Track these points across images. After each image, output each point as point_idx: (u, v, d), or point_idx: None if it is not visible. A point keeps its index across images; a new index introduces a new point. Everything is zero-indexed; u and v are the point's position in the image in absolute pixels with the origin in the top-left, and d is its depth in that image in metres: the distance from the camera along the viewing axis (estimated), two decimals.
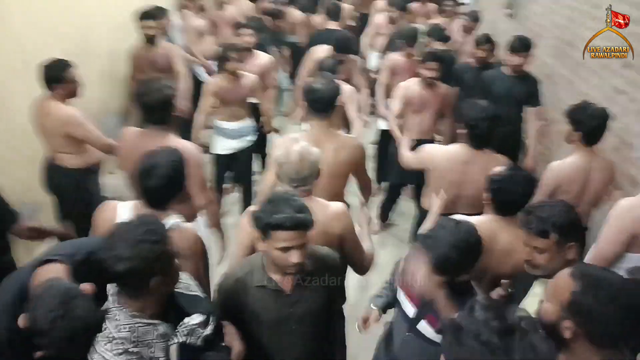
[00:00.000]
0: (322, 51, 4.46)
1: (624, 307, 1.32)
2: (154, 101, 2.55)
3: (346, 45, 4.23)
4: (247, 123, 4.12)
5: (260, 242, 1.76)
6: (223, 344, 1.73)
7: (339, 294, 2.03)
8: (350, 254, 2.20)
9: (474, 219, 2.22)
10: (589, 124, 2.69)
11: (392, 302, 2.15)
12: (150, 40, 4.35)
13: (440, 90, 3.91)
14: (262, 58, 4.47)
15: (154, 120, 2.61)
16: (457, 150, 2.85)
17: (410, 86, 3.92)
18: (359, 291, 3.40)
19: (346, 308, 2.39)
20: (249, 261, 1.94)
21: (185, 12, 5.48)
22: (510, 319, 1.14)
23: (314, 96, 2.63)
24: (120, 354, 1.45)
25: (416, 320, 1.95)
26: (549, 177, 2.76)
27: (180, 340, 1.55)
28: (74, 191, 3.21)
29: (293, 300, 1.85)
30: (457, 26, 5.69)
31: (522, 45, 3.76)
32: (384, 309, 2.22)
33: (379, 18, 6.13)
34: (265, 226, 1.68)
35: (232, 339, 1.75)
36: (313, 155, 2.13)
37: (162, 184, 2.00)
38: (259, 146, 4.52)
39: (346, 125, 3.98)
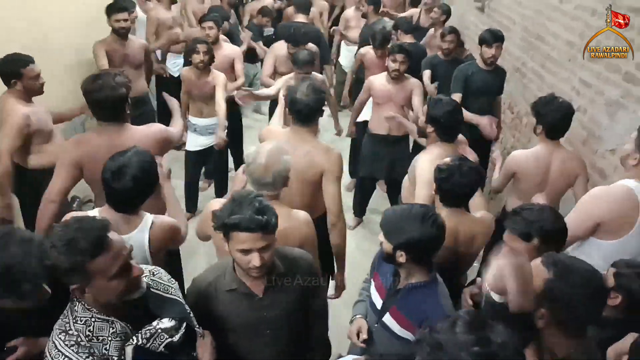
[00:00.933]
0: (280, 46, 4.41)
1: (594, 291, 1.40)
2: (104, 98, 2.34)
3: (298, 37, 4.18)
4: (216, 120, 4.02)
5: (226, 245, 1.69)
6: (194, 354, 1.64)
7: (316, 295, 1.97)
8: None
9: None
10: (552, 118, 2.73)
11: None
12: (122, 34, 4.19)
13: (407, 83, 3.89)
14: (227, 49, 4.43)
15: (106, 118, 2.42)
16: (434, 151, 2.77)
17: (377, 79, 3.94)
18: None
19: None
20: (220, 265, 1.88)
21: (149, 5, 5.33)
22: (493, 346, 1.09)
23: (297, 107, 2.53)
24: (72, 345, 1.41)
25: (382, 312, 1.95)
26: (508, 163, 2.89)
27: (139, 343, 1.46)
28: (30, 190, 3.06)
29: (265, 303, 1.79)
30: (426, 18, 5.69)
31: (493, 38, 3.77)
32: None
33: (349, 12, 6.10)
34: (222, 226, 1.62)
35: (205, 350, 1.66)
36: (281, 163, 2.08)
37: (131, 187, 1.91)
38: (233, 142, 4.43)
39: None
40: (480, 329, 1.13)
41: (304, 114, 2.53)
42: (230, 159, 4.62)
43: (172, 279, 1.72)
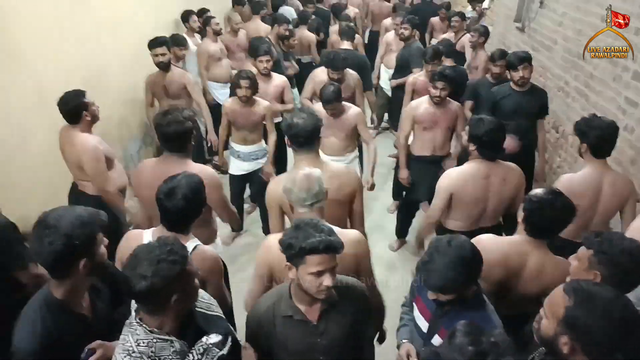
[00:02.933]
0: (321, 72, 4.55)
1: (617, 320, 1.36)
2: (173, 132, 2.59)
3: (337, 63, 4.28)
4: (259, 147, 4.19)
5: (290, 270, 1.75)
6: None
7: (367, 325, 2.00)
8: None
9: (506, 239, 2.29)
10: (595, 136, 2.69)
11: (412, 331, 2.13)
12: (162, 66, 4.46)
13: (450, 107, 3.92)
14: (278, 79, 4.59)
15: (173, 149, 2.66)
16: (474, 167, 2.85)
17: (420, 105, 3.97)
18: None
19: None
20: (277, 290, 1.95)
21: (196, 39, 5.64)
22: (486, 343, 1.20)
23: (294, 131, 2.56)
24: None
25: (430, 335, 1.96)
26: (561, 188, 2.74)
27: (195, 359, 1.56)
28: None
29: (319, 330, 1.84)
30: (465, 41, 5.72)
31: (518, 60, 3.77)
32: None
33: (390, 36, 6.21)
34: (299, 251, 1.67)
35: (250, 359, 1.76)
36: (317, 174, 2.16)
37: (182, 206, 2.05)
38: (278, 167, 4.60)
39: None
40: (474, 334, 1.23)
41: (301, 137, 2.55)
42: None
43: (211, 297, 1.83)
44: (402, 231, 4.48)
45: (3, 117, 3.20)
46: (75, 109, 3.06)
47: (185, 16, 5.76)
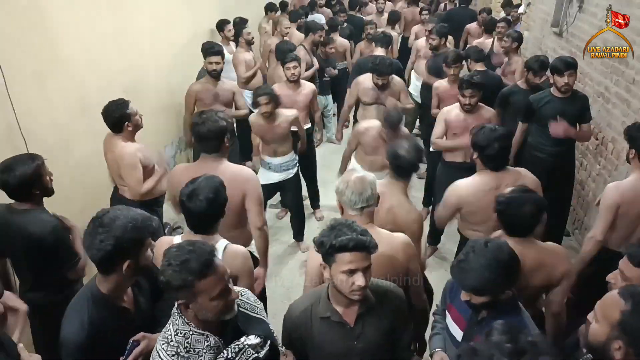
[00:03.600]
0: (365, 78, 4.54)
1: None
2: (207, 131, 2.66)
3: (383, 68, 4.29)
4: (289, 157, 4.18)
5: (325, 270, 1.77)
6: None
7: (405, 331, 1.98)
8: (410, 285, 2.24)
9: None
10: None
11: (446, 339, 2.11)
12: (214, 75, 4.47)
13: (482, 112, 3.87)
14: (307, 87, 4.62)
15: (208, 149, 2.72)
16: (483, 179, 2.82)
17: (451, 110, 3.95)
18: None
19: None
20: (314, 292, 1.96)
21: (231, 46, 5.76)
22: (524, 341, 1.20)
23: (399, 162, 2.66)
24: (172, 355, 1.56)
25: (465, 343, 1.92)
26: (610, 198, 2.68)
27: (229, 357, 1.58)
28: None
29: (356, 333, 1.84)
30: (496, 45, 5.65)
31: (565, 65, 3.64)
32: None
33: (421, 42, 6.18)
34: (329, 248, 1.70)
35: None
36: (371, 178, 2.19)
37: (204, 207, 2.09)
38: (307, 172, 4.64)
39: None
40: (512, 332, 1.23)
41: (404, 169, 2.66)
42: (304, 188, 4.76)
43: (257, 300, 1.84)
44: (434, 239, 4.43)
45: (48, 123, 3.33)
46: (118, 119, 3.15)
47: (221, 25, 5.87)
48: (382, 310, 1.86)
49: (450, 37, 6.18)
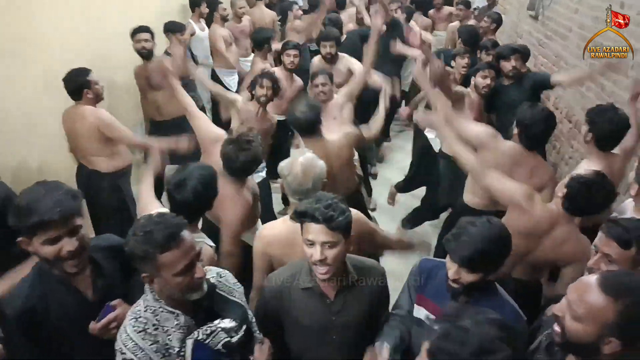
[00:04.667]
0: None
1: None
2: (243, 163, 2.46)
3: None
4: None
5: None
6: (251, 358, 1.70)
7: (384, 307, 1.97)
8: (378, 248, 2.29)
9: (543, 205, 2.35)
10: (604, 128, 2.62)
11: (404, 337, 1.90)
12: (144, 55, 4.20)
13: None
14: (298, 82, 4.50)
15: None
16: (510, 147, 2.81)
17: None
18: None
19: None
20: (296, 264, 1.89)
21: (201, 23, 5.59)
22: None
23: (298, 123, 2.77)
24: (140, 331, 1.51)
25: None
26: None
27: (199, 338, 1.53)
28: (110, 194, 3.31)
29: (335, 309, 1.81)
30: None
31: (510, 50, 3.72)
32: (395, 350, 1.81)
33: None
34: (295, 214, 1.69)
35: (261, 356, 1.71)
36: (317, 168, 2.12)
37: (190, 200, 2.01)
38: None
39: None
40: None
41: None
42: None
43: (237, 282, 1.78)
44: (414, 223, 4.31)
45: (13, 102, 3.19)
46: (79, 85, 3.12)
47: (197, 1, 5.66)
48: (363, 288, 1.84)
49: None
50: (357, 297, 1.83)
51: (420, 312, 1.91)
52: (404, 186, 4.69)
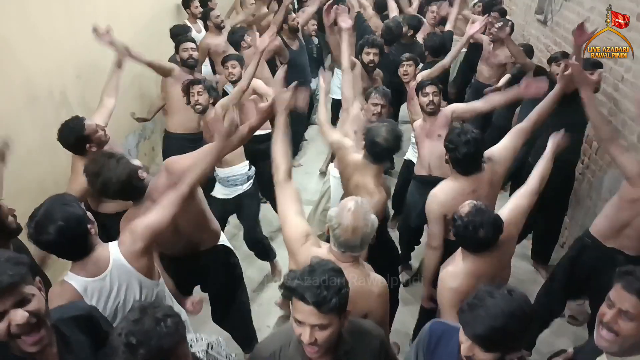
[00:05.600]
0: None
1: None
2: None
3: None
4: (240, 169, 3.48)
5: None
6: None
7: None
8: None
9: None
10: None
11: None
12: (190, 65, 4.09)
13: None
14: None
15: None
16: (459, 185, 2.69)
17: None
18: None
19: None
20: (286, 332, 1.70)
21: (198, 24, 5.38)
22: None
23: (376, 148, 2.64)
24: None
25: None
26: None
27: None
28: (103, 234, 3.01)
29: None
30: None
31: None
32: None
33: None
34: (284, 289, 1.51)
35: None
36: (368, 223, 1.90)
37: (54, 240, 1.74)
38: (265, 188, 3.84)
39: None
40: None
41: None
42: None
43: (230, 354, 1.64)
44: (404, 259, 3.99)
45: None
46: (76, 143, 2.74)
47: (187, 1, 5.45)
48: (360, 355, 1.65)
49: None
50: None
51: None
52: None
